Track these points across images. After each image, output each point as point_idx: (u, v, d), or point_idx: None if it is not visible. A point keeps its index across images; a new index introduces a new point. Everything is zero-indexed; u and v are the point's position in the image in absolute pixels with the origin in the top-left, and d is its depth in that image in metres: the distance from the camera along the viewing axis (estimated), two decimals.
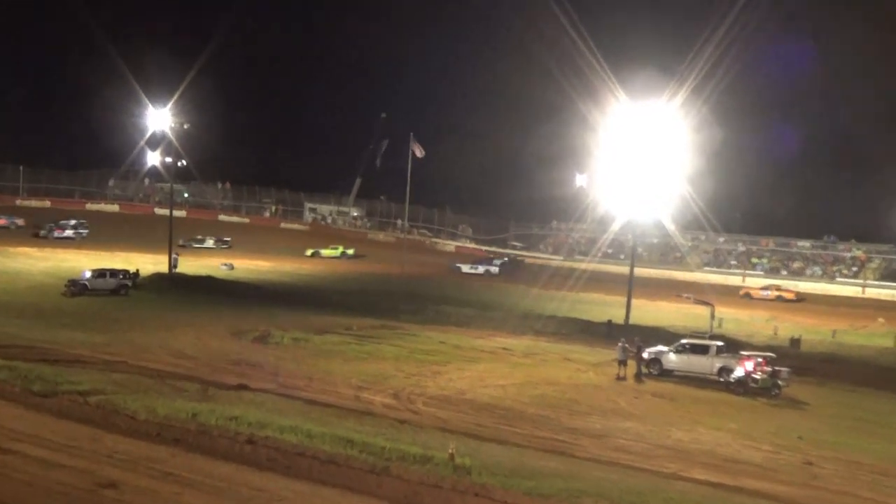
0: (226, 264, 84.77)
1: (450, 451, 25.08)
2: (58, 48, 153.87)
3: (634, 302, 62.38)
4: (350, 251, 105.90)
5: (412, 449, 25.72)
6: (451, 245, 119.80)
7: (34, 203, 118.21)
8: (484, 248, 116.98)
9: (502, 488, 23.05)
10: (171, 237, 77.55)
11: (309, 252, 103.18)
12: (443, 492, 22.94)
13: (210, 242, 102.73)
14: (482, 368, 45.63)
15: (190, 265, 79.91)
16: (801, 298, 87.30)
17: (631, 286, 61.96)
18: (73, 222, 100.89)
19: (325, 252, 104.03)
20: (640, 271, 72.00)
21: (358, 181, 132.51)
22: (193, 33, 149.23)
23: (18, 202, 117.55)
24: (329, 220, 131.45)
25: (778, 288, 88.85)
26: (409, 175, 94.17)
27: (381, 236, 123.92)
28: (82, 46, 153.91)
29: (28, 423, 27.03)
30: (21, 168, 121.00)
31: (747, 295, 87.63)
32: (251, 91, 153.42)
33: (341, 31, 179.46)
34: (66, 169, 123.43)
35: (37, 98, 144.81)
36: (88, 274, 65.61)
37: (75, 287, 63.70)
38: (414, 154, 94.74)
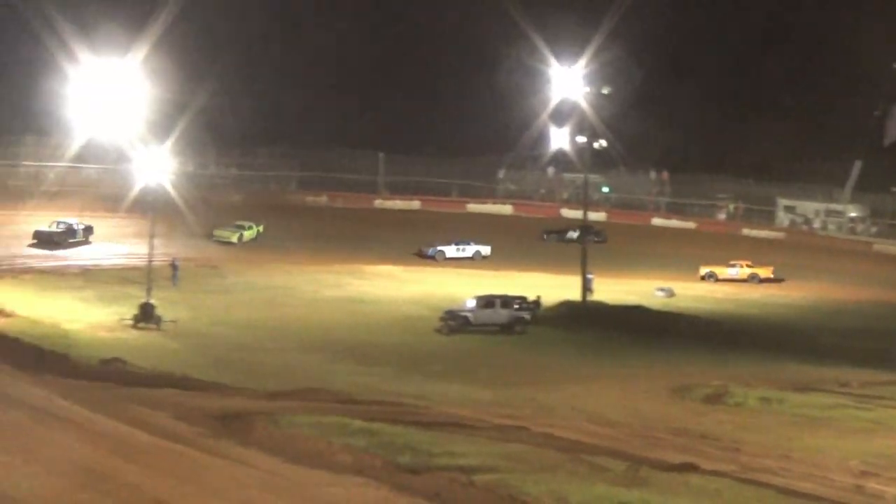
0: (663, 289, 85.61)
1: None
2: None
3: None
4: (250, 233, 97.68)
5: None
6: None
7: (399, 203, 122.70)
8: None
9: None
10: (585, 250, 79.59)
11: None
12: None
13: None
14: None
15: (610, 291, 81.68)
16: (780, 278, 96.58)
17: None
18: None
19: (217, 233, 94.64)
20: None
21: (857, 166, 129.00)
22: None
23: (378, 203, 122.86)
24: (816, 224, 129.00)
25: (750, 265, 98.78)
26: None
27: (894, 248, 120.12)
28: None
29: None
30: (381, 156, 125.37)
31: (711, 275, 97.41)
32: (691, 36, 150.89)
33: None
34: (433, 155, 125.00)
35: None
36: (472, 303, 68.68)
37: (454, 321, 67.02)
38: None
